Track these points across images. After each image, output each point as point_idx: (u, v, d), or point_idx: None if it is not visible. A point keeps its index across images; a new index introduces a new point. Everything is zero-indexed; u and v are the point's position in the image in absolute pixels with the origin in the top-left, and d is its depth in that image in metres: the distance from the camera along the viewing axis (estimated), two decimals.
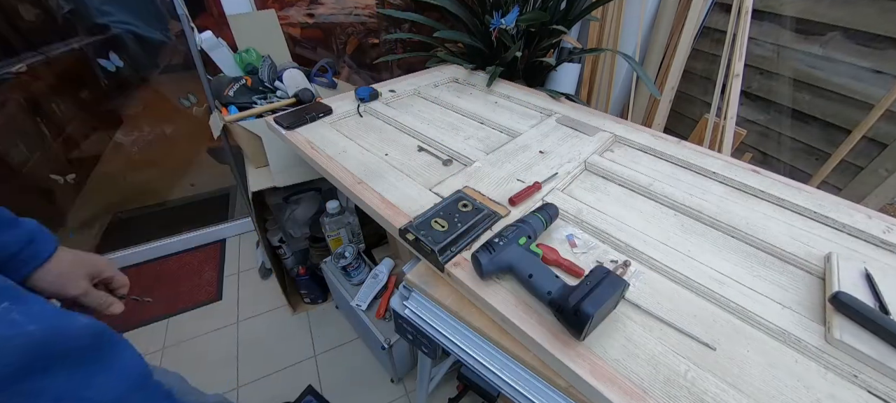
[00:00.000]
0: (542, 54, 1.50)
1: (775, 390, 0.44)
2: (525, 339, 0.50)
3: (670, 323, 0.50)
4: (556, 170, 0.77)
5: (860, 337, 0.47)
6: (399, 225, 0.63)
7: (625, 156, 0.86)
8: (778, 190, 0.73)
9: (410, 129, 0.95)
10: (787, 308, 0.52)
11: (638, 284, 0.56)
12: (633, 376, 0.44)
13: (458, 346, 0.58)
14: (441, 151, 0.87)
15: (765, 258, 0.61)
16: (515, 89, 1.18)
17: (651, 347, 0.47)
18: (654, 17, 1.82)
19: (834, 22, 1.44)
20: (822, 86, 1.51)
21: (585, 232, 0.64)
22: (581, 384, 0.45)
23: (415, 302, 0.63)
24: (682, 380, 0.44)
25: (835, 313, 0.50)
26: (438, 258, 0.57)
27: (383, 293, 1.25)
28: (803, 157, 1.66)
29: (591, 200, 0.72)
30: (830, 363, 0.46)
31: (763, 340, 0.49)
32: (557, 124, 0.97)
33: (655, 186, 0.74)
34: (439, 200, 0.69)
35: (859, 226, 0.64)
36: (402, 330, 0.69)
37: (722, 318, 0.52)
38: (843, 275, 0.54)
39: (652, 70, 1.91)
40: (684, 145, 0.87)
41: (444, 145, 0.87)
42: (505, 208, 0.67)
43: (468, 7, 1.43)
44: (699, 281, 0.55)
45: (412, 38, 1.64)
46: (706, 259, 0.60)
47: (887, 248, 0.62)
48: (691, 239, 0.64)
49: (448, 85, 1.23)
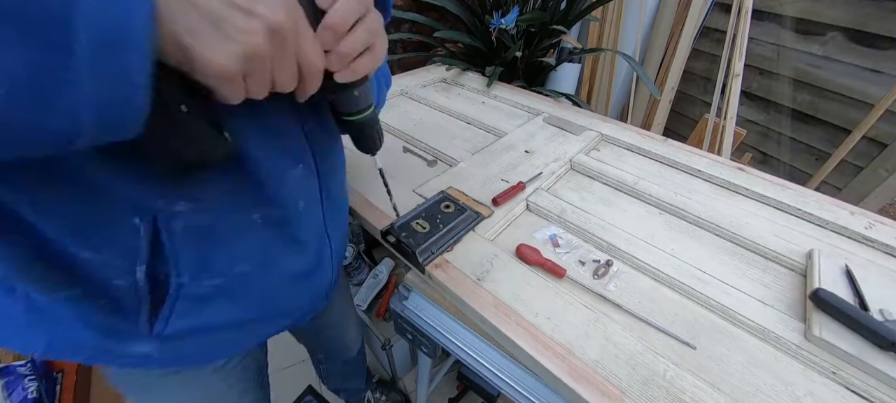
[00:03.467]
0: (542, 54, 1.50)
1: (754, 388, 0.43)
2: (505, 341, 0.49)
3: (651, 323, 0.50)
4: (541, 170, 0.77)
5: (839, 334, 0.47)
6: (381, 228, 0.62)
7: (611, 155, 0.85)
8: (762, 187, 0.73)
9: (396, 130, 0.94)
10: (769, 305, 0.52)
11: (619, 283, 0.56)
12: (611, 376, 0.44)
13: (458, 346, 0.58)
14: (426, 152, 0.86)
15: (748, 256, 0.61)
16: (504, 89, 1.18)
17: (631, 347, 0.47)
18: (654, 17, 1.83)
19: (834, 22, 1.45)
20: (822, 86, 1.52)
21: (569, 232, 0.64)
22: (559, 385, 0.44)
23: (415, 302, 0.63)
24: (661, 380, 0.44)
25: (815, 310, 0.50)
26: (419, 259, 0.56)
27: (383, 293, 1.25)
28: (803, 157, 1.67)
29: (575, 200, 0.72)
30: (810, 360, 0.46)
31: (743, 338, 0.49)
32: (544, 124, 0.97)
33: (641, 185, 0.74)
34: (423, 201, 0.68)
35: (841, 223, 0.65)
36: (402, 329, 0.69)
37: (703, 317, 0.51)
38: (824, 272, 0.54)
39: (652, 70, 1.91)
40: (670, 143, 0.87)
41: (429, 145, 0.87)
42: (488, 208, 0.67)
43: (468, 7, 1.43)
44: (681, 280, 0.55)
45: (412, 38, 1.63)
46: (690, 257, 0.60)
47: (869, 244, 0.62)
48: (675, 237, 0.64)
49: (436, 85, 1.22)
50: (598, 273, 0.57)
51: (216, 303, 0.41)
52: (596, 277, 0.56)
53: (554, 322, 0.49)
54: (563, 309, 0.51)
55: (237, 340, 0.50)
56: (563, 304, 0.52)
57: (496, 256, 0.58)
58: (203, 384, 0.54)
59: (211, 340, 0.45)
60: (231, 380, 0.57)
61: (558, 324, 0.49)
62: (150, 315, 0.37)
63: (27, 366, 1.05)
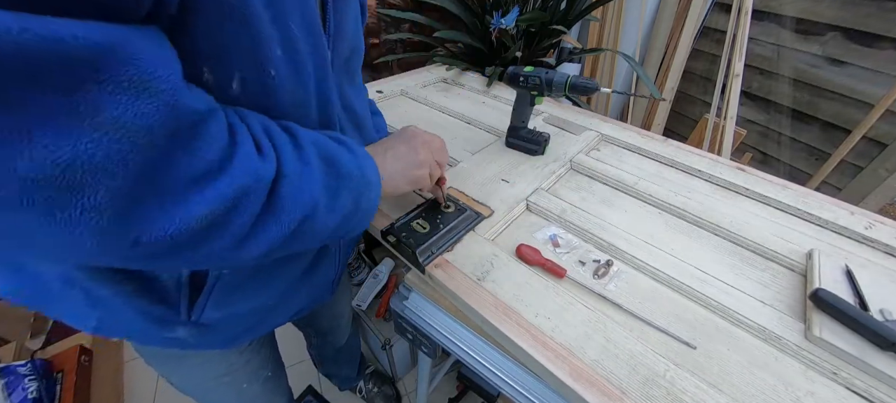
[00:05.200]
0: (542, 54, 1.50)
1: (755, 388, 0.43)
2: (505, 341, 0.49)
3: (651, 323, 0.50)
4: (541, 170, 0.77)
5: (840, 334, 0.47)
6: (381, 228, 0.62)
7: (611, 155, 0.85)
8: (762, 187, 0.73)
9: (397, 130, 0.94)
10: (769, 305, 0.52)
11: (619, 283, 0.56)
12: (611, 376, 0.44)
13: (458, 346, 0.58)
14: None
15: (748, 255, 0.61)
16: (504, 89, 1.18)
17: (631, 347, 0.47)
18: (654, 17, 1.83)
19: (834, 22, 1.45)
20: (822, 86, 1.52)
21: (569, 232, 0.64)
22: (559, 385, 0.44)
23: (415, 302, 0.63)
24: (661, 380, 0.43)
25: (815, 310, 0.49)
26: (419, 259, 0.56)
27: (383, 293, 1.25)
28: (803, 157, 1.67)
29: (575, 199, 0.72)
30: (810, 360, 0.46)
31: (744, 338, 0.49)
32: (544, 123, 0.97)
33: (641, 185, 0.73)
34: (423, 201, 0.68)
35: (841, 223, 0.65)
36: (402, 329, 0.69)
37: (703, 317, 0.51)
38: (824, 272, 0.54)
39: (652, 70, 1.91)
40: (671, 143, 0.87)
41: None
42: (488, 209, 0.67)
43: (468, 7, 1.43)
44: (681, 280, 0.55)
45: (412, 38, 1.63)
46: (689, 257, 0.60)
47: (869, 244, 0.62)
48: (675, 237, 0.64)
49: (436, 85, 1.22)
50: (598, 273, 0.57)
51: (242, 295, 0.47)
52: (596, 277, 0.56)
53: (554, 322, 0.49)
54: (564, 309, 0.51)
55: (256, 326, 0.56)
56: (563, 304, 0.52)
57: (496, 256, 0.58)
58: (225, 360, 0.61)
59: (235, 327, 0.52)
60: (248, 356, 0.64)
61: (558, 324, 0.49)
62: (188, 305, 0.43)
63: (27, 366, 1.05)
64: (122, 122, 0.22)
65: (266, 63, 0.33)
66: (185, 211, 0.26)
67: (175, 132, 0.25)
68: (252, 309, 0.52)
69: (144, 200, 0.24)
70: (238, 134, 0.30)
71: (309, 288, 0.58)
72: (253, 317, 0.54)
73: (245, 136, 0.30)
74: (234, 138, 0.30)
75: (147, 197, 0.24)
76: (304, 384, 1.37)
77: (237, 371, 0.63)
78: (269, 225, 0.32)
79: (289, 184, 0.32)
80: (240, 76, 0.32)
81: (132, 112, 0.22)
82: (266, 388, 0.72)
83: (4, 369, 1.01)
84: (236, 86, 0.33)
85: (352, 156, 0.40)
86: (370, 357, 1.43)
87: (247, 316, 0.52)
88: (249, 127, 0.32)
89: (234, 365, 0.62)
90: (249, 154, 0.30)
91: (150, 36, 0.24)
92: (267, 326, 0.59)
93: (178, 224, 0.26)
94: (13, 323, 1.32)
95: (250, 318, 0.53)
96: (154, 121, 0.23)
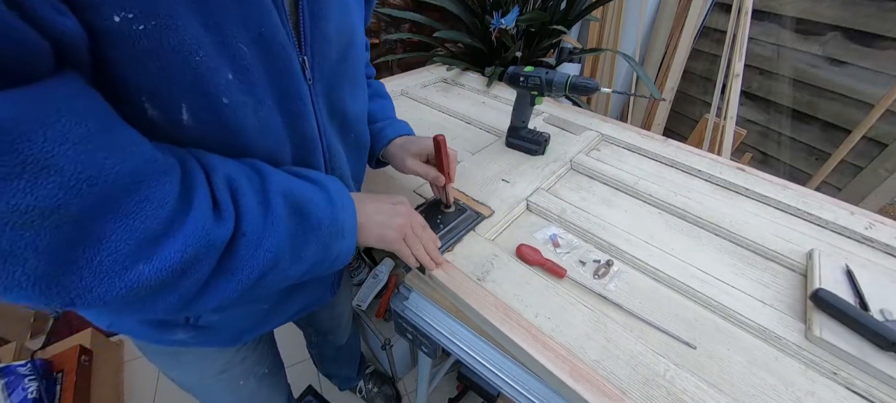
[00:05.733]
0: (542, 54, 1.50)
1: (755, 388, 0.43)
2: (505, 341, 0.49)
3: (651, 323, 0.50)
4: (541, 170, 0.77)
5: (840, 334, 0.46)
6: None
7: (611, 155, 0.85)
8: (762, 187, 0.73)
9: None
10: (769, 305, 0.52)
11: (620, 283, 0.56)
12: (612, 376, 0.44)
13: (458, 346, 0.58)
14: None
15: (748, 255, 0.61)
16: (504, 89, 1.18)
17: (631, 347, 0.47)
18: (654, 17, 1.82)
19: (834, 22, 1.44)
20: (822, 86, 1.52)
21: (569, 232, 0.64)
22: (560, 385, 0.44)
23: (415, 302, 0.63)
24: (661, 380, 0.43)
25: (815, 310, 0.49)
26: None
27: (383, 293, 1.24)
28: (803, 157, 1.66)
29: (575, 200, 0.72)
30: (810, 360, 0.46)
31: (744, 338, 0.49)
32: (545, 123, 0.97)
33: (641, 185, 0.73)
34: (422, 201, 0.68)
35: (841, 223, 0.65)
36: (402, 329, 0.69)
37: (703, 317, 0.51)
38: (824, 272, 0.54)
39: (652, 70, 1.91)
40: (670, 143, 0.87)
41: None
42: (488, 209, 0.67)
43: (468, 7, 1.43)
44: (682, 280, 0.55)
45: (412, 38, 1.63)
46: (690, 257, 0.60)
47: (869, 244, 0.62)
48: (675, 237, 0.64)
49: (436, 85, 1.23)
50: (598, 273, 0.57)
51: (241, 298, 0.47)
52: (596, 277, 0.56)
53: (554, 322, 0.49)
54: (564, 309, 0.51)
55: (257, 326, 0.57)
56: (563, 304, 0.52)
57: (496, 256, 0.58)
58: (221, 356, 0.61)
59: (235, 327, 0.53)
60: (245, 353, 0.65)
61: (558, 324, 0.49)
62: None
63: (27, 366, 1.05)
64: (21, 209, 0.20)
65: (216, 91, 0.30)
66: (126, 280, 0.25)
67: (100, 203, 0.23)
68: (252, 310, 0.53)
69: (73, 274, 0.23)
70: (194, 191, 0.29)
71: (310, 289, 0.59)
72: (253, 318, 0.54)
73: (201, 194, 0.29)
74: (187, 197, 0.28)
75: (75, 271, 0.23)
76: (304, 384, 1.37)
77: (234, 367, 0.64)
78: (222, 283, 0.31)
79: (247, 243, 0.31)
80: (188, 107, 0.30)
81: (32, 197, 0.20)
82: (262, 385, 0.72)
83: (4, 369, 1.01)
84: (187, 118, 0.30)
85: (327, 203, 0.38)
86: (370, 357, 1.43)
87: (246, 317, 0.53)
88: (211, 181, 0.31)
89: (231, 362, 0.63)
90: (202, 216, 0.28)
91: (55, 91, 0.21)
92: (268, 325, 0.59)
93: (119, 289, 0.25)
94: (13, 323, 1.32)
95: (250, 318, 0.54)
96: (60, 201, 0.21)
